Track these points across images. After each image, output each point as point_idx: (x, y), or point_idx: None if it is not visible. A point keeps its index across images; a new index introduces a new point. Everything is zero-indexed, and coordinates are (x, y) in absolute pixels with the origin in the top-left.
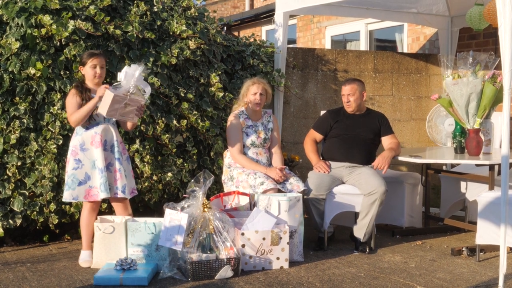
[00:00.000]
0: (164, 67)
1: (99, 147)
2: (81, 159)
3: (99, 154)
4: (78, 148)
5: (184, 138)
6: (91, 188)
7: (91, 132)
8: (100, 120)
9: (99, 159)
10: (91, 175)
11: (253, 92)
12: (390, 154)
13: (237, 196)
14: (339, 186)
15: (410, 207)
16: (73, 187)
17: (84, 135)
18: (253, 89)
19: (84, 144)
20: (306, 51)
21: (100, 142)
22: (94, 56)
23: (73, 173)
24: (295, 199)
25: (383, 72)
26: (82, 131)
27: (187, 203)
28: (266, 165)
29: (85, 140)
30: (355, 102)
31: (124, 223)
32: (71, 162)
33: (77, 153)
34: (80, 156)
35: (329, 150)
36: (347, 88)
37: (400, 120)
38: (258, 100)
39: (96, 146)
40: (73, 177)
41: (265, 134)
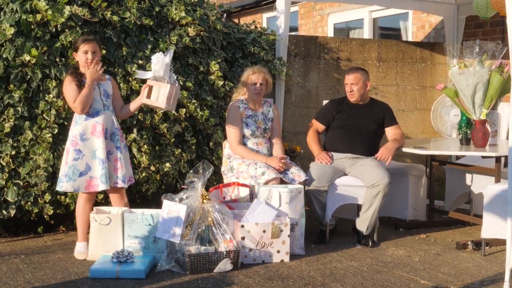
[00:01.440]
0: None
1: (101, 137)
2: (81, 149)
3: (101, 144)
4: (78, 138)
5: (183, 127)
6: (92, 179)
7: (92, 121)
8: (99, 108)
9: (100, 149)
10: (92, 165)
11: (253, 82)
12: (394, 145)
13: (237, 187)
14: (341, 178)
15: (414, 199)
16: (74, 178)
17: (84, 124)
18: (253, 79)
19: (85, 133)
20: (308, 39)
21: (102, 131)
22: (85, 42)
23: (74, 164)
24: (296, 190)
25: (387, 61)
26: (81, 120)
27: (186, 194)
28: (267, 155)
29: (85, 130)
30: (359, 92)
31: (121, 214)
32: (71, 152)
33: (77, 143)
34: (80, 146)
35: (332, 140)
36: (351, 77)
37: (405, 111)
38: (258, 90)
39: (97, 136)
40: (73, 168)
41: (265, 124)
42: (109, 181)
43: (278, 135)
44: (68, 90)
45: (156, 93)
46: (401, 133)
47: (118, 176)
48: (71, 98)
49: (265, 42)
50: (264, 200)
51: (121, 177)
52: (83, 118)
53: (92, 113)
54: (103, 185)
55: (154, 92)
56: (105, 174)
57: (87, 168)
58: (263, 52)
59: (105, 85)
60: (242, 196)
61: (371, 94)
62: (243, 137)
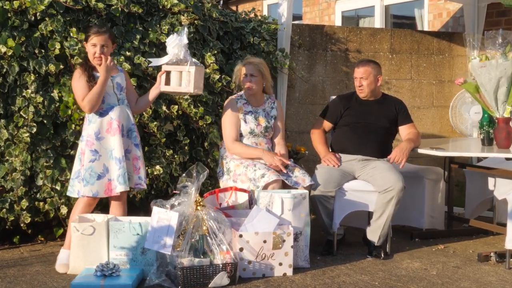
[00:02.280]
0: (153, 46)
1: (117, 134)
2: (97, 149)
3: (117, 142)
4: (93, 138)
5: (175, 126)
6: (111, 181)
7: (107, 118)
8: (113, 103)
9: (117, 147)
10: (109, 166)
11: (244, 75)
12: (409, 146)
13: (235, 192)
14: (350, 182)
15: (431, 206)
16: (92, 182)
17: (98, 122)
18: (243, 70)
19: (100, 132)
20: (314, 29)
21: (118, 128)
22: (96, 34)
23: (91, 165)
24: (300, 196)
25: (401, 52)
26: (96, 118)
27: (178, 201)
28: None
29: (100, 128)
30: (369, 87)
31: (106, 222)
32: (87, 153)
33: (92, 143)
34: (96, 146)
35: (339, 140)
36: (360, 70)
37: (420, 108)
38: (249, 84)
39: (113, 134)
40: (91, 171)
41: (266, 122)
42: (128, 182)
43: (281, 135)
44: (76, 86)
45: (176, 78)
46: (416, 132)
47: (140, 176)
48: (80, 95)
49: (266, 32)
50: (264, 206)
51: (144, 177)
52: (97, 115)
53: (106, 109)
54: (121, 187)
55: (173, 77)
56: (123, 175)
57: (105, 170)
58: (264, 42)
59: (118, 77)
60: (240, 202)
61: (383, 89)
62: (240, 136)
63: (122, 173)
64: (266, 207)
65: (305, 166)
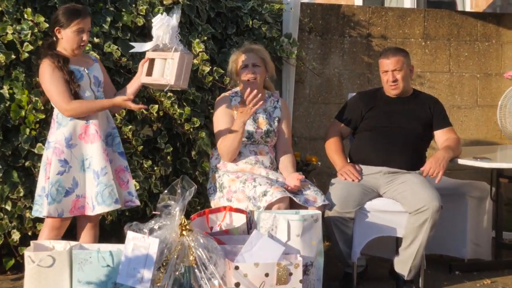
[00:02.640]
0: (127, 30)
1: (96, 141)
2: (67, 159)
3: (97, 151)
4: (63, 145)
5: (154, 130)
6: (78, 199)
7: (81, 121)
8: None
9: (95, 157)
10: (79, 180)
11: (243, 65)
12: (447, 155)
13: (229, 213)
14: (373, 201)
15: (474, 231)
16: (59, 199)
17: (71, 125)
18: (242, 61)
19: (72, 138)
20: (328, 9)
21: (97, 134)
22: (84, 16)
23: (59, 179)
24: (311, 218)
25: (437, 39)
26: (67, 121)
27: (158, 224)
28: (270, 168)
29: (72, 133)
30: (405, 81)
31: (68, 251)
32: (54, 164)
33: (62, 151)
34: (66, 155)
35: (360, 149)
36: (391, 61)
37: (461, 107)
38: (251, 75)
39: (90, 141)
40: (58, 185)
41: (268, 125)
42: (119, 200)
43: (286, 142)
44: (51, 82)
45: (160, 67)
46: (456, 138)
47: (131, 191)
48: (59, 95)
49: (268, 13)
50: (266, 231)
51: (134, 192)
52: (69, 118)
53: None
54: (100, 207)
55: (157, 66)
56: (101, 192)
57: (74, 184)
58: (266, 26)
59: (94, 69)
60: (237, 226)
61: (415, 84)
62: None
63: (100, 189)
64: (269, 232)
65: (317, 180)
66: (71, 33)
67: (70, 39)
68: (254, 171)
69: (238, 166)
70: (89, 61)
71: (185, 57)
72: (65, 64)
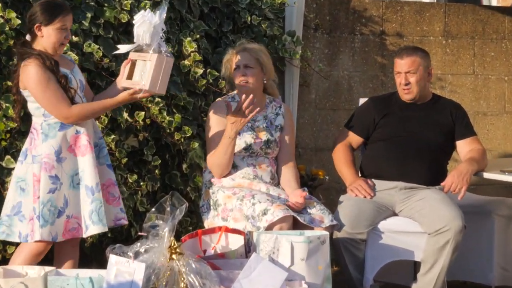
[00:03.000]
0: (110, 28)
1: (88, 153)
2: (58, 175)
3: (89, 165)
4: (53, 159)
5: (140, 141)
6: (69, 219)
7: (71, 131)
8: None
9: (88, 172)
10: (69, 198)
11: (235, 66)
12: (470, 169)
13: (225, 234)
14: (388, 220)
15: (502, 254)
16: (52, 221)
17: (60, 136)
18: (234, 61)
19: (61, 151)
20: (337, 3)
21: (89, 145)
22: (64, 12)
23: (51, 197)
24: (318, 240)
25: (459, 37)
26: (55, 131)
27: (145, 246)
28: (271, 184)
29: (61, 145)
30: (419, 85)
31: (43, 277)
32: (45, 181)
33: (52, 166)
34: (57, 170)
35: (373, 161)
36: (406, 61)
37: (487, 114)
38: (241, 78)
39: (82, 153)
40: (50, 205)
41: (269, 135)
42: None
43: (290, 153)
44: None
45: (140, 70)
46: (481, 149)
47: (122, 207)
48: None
49: (268, 8)
50: (267, 254)
51: (124, 210)
52: (57, 127)
53: None
54: (96, 227)
55: (138, 69)
56: (97, 210)
57: (65, 203)
58: (266, 23)
59: (77, 72)
60: (233, 249)
61: (434, 88)
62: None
63: (96, 207)
64: (270, 256)
65: (325, 197)
66: (53, 31)
67: (52, 37)
68: (252, 186)
69: (234, 181)
70: (69, 63)
71: (163, 59)
72: (56, 66)
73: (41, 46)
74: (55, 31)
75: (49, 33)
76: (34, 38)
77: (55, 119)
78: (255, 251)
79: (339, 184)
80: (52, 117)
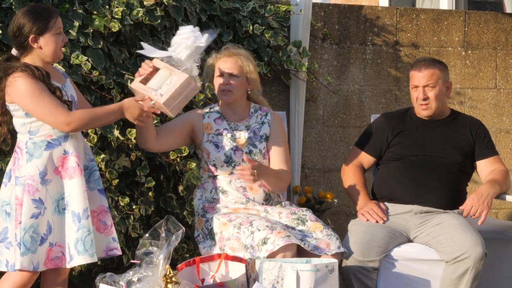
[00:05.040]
0: (99, 38)
1: (77, 176)
2: (43, 198)
3: (77, 189)
4: (37, 181)
5: (133, 160)
6: (52, 248)
7: (58, 151)
8: None
9: (76, 196)
10: (53, 225)
11: (218, 72)
12: (492, 191)
13: (225, 262)
14: (402, 247)
15: None
16: (34, 249)
17: (46, 156)
18: (217, 67)
19: (47, 172)
20: (346, 11)
21: (78, 167)
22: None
23: (33, 223)
24: (325, 268)
25: (480, 47)
26: (40, 151)
27: (138, 275)
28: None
29: (47, 166)
30: (438, 100)
31: None
32: (28, 205)
33: (36, 189)
34: (41, 193)
35: (386, 183)
36: (424, 75)
37: (510, 132)
38: (223, 86)
39: (69, 176)
40: (32, 231)
41: (250, 145)
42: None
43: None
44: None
45: (160, 80)
46: (503, 170)
47: (114, 237)
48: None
49: (272, 16)
50: (271, 284)
51: (117, 239)
52: (43, 146)
53: (59, 138)
54: (81, 258)
55: (157, 78)
56: (83, 239)
57: (48, 230)
58: (269, 32)
59: (69, 87)
60: (234, 278)
61: (452, 103)
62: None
63: (82, 236)
64: (274, 285)
65: (333, 221)
66: (51, 37)
67: (52, 44)
68: (249, 211)
69: (228, 208)
70: (61, 77)
71: (191, 83)
72: (48, 77)
73: (36, 58)
74: (53, 36)
75: (48, 40)
76: (26, 52)
77: (41, 137)
78: (257, 280)
79: (349, 208)
80: (39, 135)
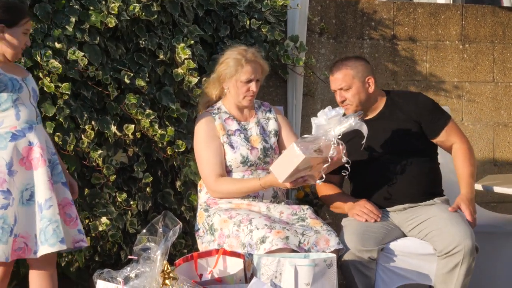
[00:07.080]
0: (96, 33)
1: (42, 167)
2: (10, 189)
3: (41, 179)
4: (4, 172)
5: (130, 156)
6: (16, 239)
7: (23, 142)
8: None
9: (40, 186)
10: (18, 216)
11: (246, 78)
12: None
13: (223, 257)
14: (399, 241)
15: None
16: (5, 240)
17: (11, 148)
18: (246, 72)
19: (13, 163)
20: (343, 5)
21: (42, 158)
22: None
23: (3, 215)
24: (324, 263)
25: (478, 41)
26: (5, 142)
27: (135, 271)
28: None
29: (13, 157)
30: (357, 98)
31: None
32: None
33: (4, 180)
34: (9, 184)
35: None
36: (336, 78)
37: (508, 125)
38: (252, 92)
39: (34, 167)
40: (3, 222)
41: (263, 142)
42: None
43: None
44: None
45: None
46: (466, 149)
47: (80, 229)
48: None
49: (269, 11)
50: (269, 279)
51: (83, 231)
52: (8, 137)
53: (22, 129)
54: (43, 248)
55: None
56: (44, 229)
57: (14, 220)
58: (266, 27)
59: (31, 81)
60: (232, 273)
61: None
62: (229, 172)
63: (43, 226)
64: (272, 280)
65: (332, 216)
66: (18, 34)
67: (16, 40)
68: (251, 207)
69: (231, 203)
70: (23, 71)
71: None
72: None
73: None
74: (20, 34)
75: (14, 35)
76: None
77: (6, 129)
78: (255, 275)
79: None
80: (3, 126)
